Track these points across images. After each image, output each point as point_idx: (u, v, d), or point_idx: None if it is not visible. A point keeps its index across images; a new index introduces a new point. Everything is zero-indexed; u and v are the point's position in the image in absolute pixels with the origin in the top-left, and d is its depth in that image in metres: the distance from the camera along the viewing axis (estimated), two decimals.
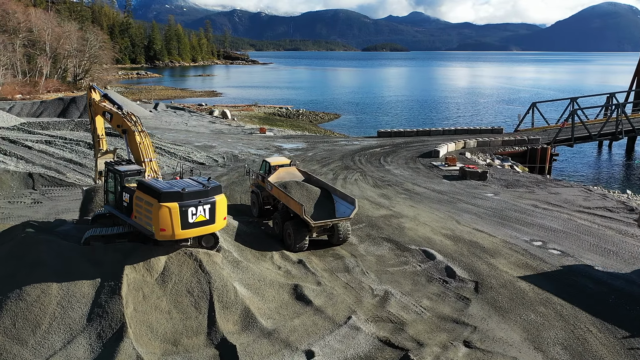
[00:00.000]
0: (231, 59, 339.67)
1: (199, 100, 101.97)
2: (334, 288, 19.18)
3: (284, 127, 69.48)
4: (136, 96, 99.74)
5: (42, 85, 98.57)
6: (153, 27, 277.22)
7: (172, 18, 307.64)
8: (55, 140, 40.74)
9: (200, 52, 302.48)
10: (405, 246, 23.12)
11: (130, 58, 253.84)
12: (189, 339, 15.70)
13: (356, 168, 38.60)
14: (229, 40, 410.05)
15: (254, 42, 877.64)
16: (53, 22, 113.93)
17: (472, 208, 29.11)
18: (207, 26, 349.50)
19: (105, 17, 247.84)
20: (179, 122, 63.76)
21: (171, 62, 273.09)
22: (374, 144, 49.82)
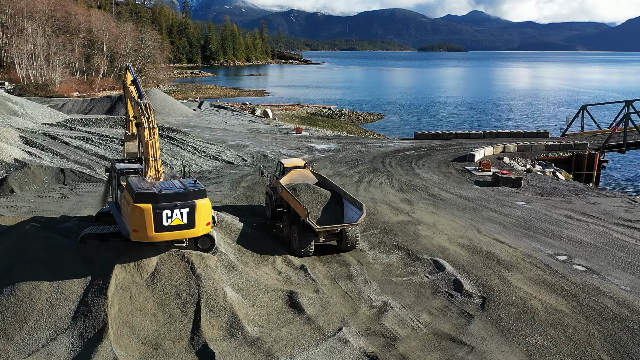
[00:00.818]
0: (285, 58, 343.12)
1: (246, 99, 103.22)
2: (331, 297, 18.45)
3: (323, 127, 69.01)
4: (185, 95, 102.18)
5: (98, 83, 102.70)
6: (209, 27, 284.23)
7: (227, 18, 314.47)
8: (92, 137, 42.05)
9: (254, 51, 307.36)
10: (416, 255, 22.04)
11: (187, 57, 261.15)
12: (171, 343, 15.44)
13: (384, 171, 37.54)
14: (283, 40, 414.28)
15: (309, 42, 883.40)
16: (111, 22, 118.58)
17: (498, 217, 27.51)
18: (262, 26, 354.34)
19: (164, 18, 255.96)
20: (218, 120, 64.57)
21: (226, 62, 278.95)
22: (409, 146, 48.43)
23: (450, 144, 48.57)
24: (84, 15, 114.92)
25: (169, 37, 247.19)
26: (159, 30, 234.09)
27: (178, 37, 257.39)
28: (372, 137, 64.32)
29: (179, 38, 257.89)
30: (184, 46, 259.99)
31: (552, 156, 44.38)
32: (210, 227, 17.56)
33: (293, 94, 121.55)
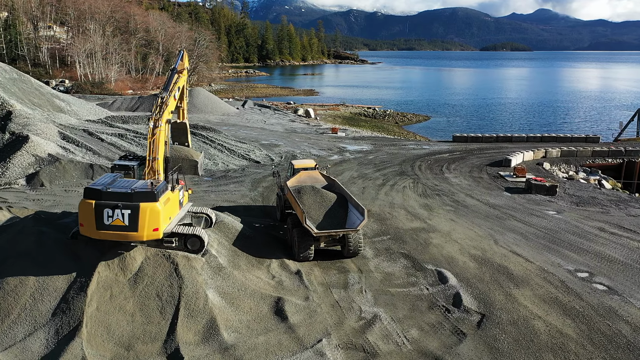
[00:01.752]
0: (340, 58, 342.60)
1: (294, 98, 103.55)
2: (320, 305, 17.72)
3: (364, 127, 67.96)
4: (236, 93, 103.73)
5: (152, 81, 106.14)
6: (267, 27, 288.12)
7: (284, 18, 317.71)
8: (128, 134, 43.14)
9: (310, 51, 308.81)
10: (421, 265, 20.89)
11: (244, 57, 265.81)
12: (144, 345, 15.23)
13: (412, 174, 36.20)
14: (340, 40, 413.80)
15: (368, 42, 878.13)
16: (167, 23, 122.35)
17: (522, 227, 25.73)
18: (319, 26, 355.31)
19: (223, 19, 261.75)
20: (258, 119, 64.92)
21: (282, 61, 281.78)
22: (445, 148, 46.64)
23: (488, 148, 46.37)
24: (142, 16, 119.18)
25: (227, 37, 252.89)
26: (217, 31, 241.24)
27: (236, 37, 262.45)
28: (413, 138, 62.66)
29: (237, 38, 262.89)
30: (241, 46, 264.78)
31: (599, 163, 41.38)
32: (159, 234, 16.48)
33: (342, 94, 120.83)
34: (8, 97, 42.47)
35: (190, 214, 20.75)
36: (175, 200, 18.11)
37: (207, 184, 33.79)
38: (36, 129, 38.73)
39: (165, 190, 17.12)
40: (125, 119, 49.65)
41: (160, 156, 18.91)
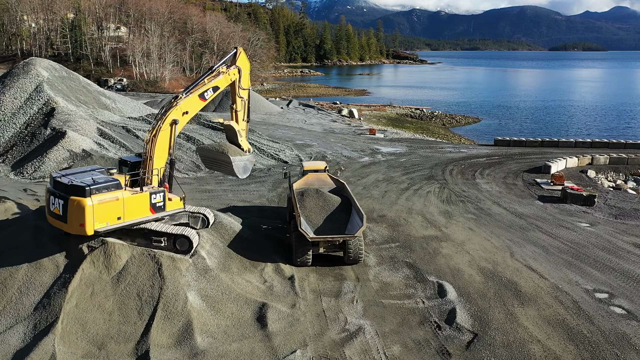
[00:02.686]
0: (399, 58, 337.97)
1: (342, 98, 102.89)
2: (305, 314, 17.07)
3: (408, 129, 66.32)
4: (283, 93, 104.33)
5: None
6: (325, 27, 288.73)
7: (343, 18, 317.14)
8: None
9: (368, 51, 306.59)
10: (423, 276, 19.76)
11: (302, 57, 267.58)
12: (117, 345, 15.16)
13: (440, 179, 34.67)
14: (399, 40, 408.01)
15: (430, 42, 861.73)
16: (222, 23, 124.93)
17: (545, 239, 23.88)
18: (379, 26, 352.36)
19: (283, 19, 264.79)
20: (299, 119, 64.76)
21: (339, 61, 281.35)
22: (484, 152, 44.51)
23: (531, 153, 43.79)
24: (199, 16, 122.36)
25: (285, 37, 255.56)
26: (275, 31, 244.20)
27: (294, 37, 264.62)
28: (456, 141, 60.40)
29: (295, 38, 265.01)
30: (299, 46, 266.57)
31: None
32: (85, 229, 16.12)
33: (393, 94, 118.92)
34: (54, 94, 44.33)
35: (187, 214, 20.65)
36: (141, 201, 17.52)
37: (229, 182, 33.80)
38: (75, 125, 40.23)
39: (110, 189, 16.63)
40: None
41: (155, 156, 18.80)
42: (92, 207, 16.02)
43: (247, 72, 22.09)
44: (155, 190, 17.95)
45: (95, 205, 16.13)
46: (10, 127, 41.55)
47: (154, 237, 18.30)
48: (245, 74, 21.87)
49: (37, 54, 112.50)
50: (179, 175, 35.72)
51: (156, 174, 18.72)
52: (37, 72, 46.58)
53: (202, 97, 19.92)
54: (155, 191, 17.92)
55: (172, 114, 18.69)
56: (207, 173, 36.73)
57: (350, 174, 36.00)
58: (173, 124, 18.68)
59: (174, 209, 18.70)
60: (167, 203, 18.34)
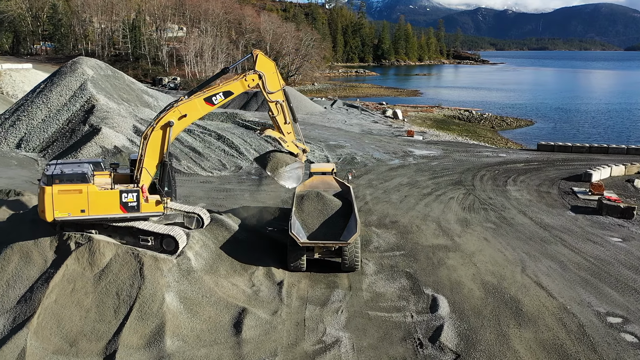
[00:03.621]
0: (460, 58, 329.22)
1: (394, 99, 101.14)
2: (284, 321, 16.49)
3: (452, 131, 64.10)
4: (330, 93, 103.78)
5: None
6: (383, 26, 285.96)
7: (402, 18, 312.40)
8: (196, 129, 44.69)
9: (427, 51, 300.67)
10: (420, 288, 18.69)
11: (359, 57, 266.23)
12: (88, 343, 15.19)
13: (468, 184, 33.00)
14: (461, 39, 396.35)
15: (495, 41, 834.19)
16: (276, 23, 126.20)
17: (566, 254, 22.03)
18: (440, 25, 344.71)
19: (341, 19, 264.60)
20: (339, 120, 64.06)
21: (397, 61, 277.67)
22: (524, 157, 42.11)
23: (575, 159, 40.95)
24: (253, 17, 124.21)
25: (343, 37, 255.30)
26: (333, 31, 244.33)
27: (352, 37, 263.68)
28: (503, 145, 57.68)
29: (353, 38, 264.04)
30: (357, 46, 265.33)
31: None
32: (50, 217, 17.10)
33: (445, 95, 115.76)
34: (96, 92, 46.04)
35: (182, 214, 20.55)
36: (109, 198, 17.61)
37: (251, 182, 33.72)
38: (112, 122, 41.53)
39: (75, 181, 17.14)
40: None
41: (147, 156, 18.67)
42: (51, 195, 16.95)
43: (272, 73, 20.07)
44: (128, 190, 17.79)
45: (55, 194, 16.97)
46: (54, 124, 43.51)
47: (141, 236, 18.33)
48: (271, 75, 20.01)
49: (99, 54, 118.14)
50: (203, 173, 36.09)
51: (147, 174, 18.62)
52: (83, 70, 48.56)
53: (209, 101, 19.02)
54: (127, 190, 17.76)
55: (168, 116, 18.46)
56: (231, 172, 36.87)
57: (374, 176, 35.02)
58: (167, 126, 18.42)
59: (150, 211, 18.23)
60: (144, 205, 17.99)
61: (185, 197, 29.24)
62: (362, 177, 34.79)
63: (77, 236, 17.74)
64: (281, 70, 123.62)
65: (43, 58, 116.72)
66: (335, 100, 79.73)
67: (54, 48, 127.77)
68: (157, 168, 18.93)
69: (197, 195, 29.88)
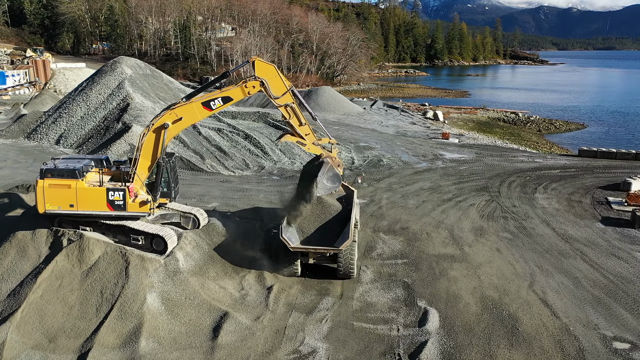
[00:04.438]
0: (517, 58, 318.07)
1: (441, 100, 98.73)
2: (264, 329, 16.11)
3: (493, 134, 61.72)
4: (379, 93, 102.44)
5: (302, 80, 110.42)
6: (437, 26, 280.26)
7: (457, 17, 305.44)
8: (226, 128, 45.09)
9: (482, 51, 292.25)
10: (414, 299, 17.84)
11: (411, 57, 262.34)
12: (67, 340, 15.35)
13: (493, 191, 31.42)
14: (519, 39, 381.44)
15: (557, 41, 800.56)
16: (323, 23, 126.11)
17: (584, 270, 20.45)
18: (497, 24, 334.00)
19: (394, 18, 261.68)
20: (376, 121, 63.03)
21: (450, 61, 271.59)
22: (560, 164, 39.79)
23: (618, 166, 38.26)
24: (300, 17, 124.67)
25: (395, 36, 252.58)
26: (385, 30, 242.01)
27: (404, 36, 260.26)
28: (547, 150, 54.95)
29: (405, 37, 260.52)
30: (409, 45, 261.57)
31: None
32: (41, 209, 18.08)
33: (494, 96, 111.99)
34: (133, 90, 47.30)
35: (179, 214, 20.52)
36: (97, 195, 17.99)
37: (270, 182, 33.57)
38: (144, 120, 42.42)
39: (65, 176, 17.87)
40: (235, 114, 51.95)
41: (141, 156, 18.71)
42: (42, 189, 17.80)
43: (274, 77, 19.33)
44: (115, 188, 17.94)
45: (46, 187, 17.79)
46: (91, 121, 45.04)
47: (132, 235, 18.44)
48: (274, 80, 19.29)
49: (151, 53, 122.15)
50: (225, 172, 36.26)
51: (141, 173, 18.70)
52: (122, 70, 50.04)
53: (206, 106, 18.85)
54: (114, 188, 17.92)
55: (163, 118, 18.48)
56: (253, 172, 36.86)
57: (396, 180, 34.03)
58: (162, 128, 18.41)
59: (136, 211, 18.28)
60: (130, 204, 18.06)
61: (201, 197, 29.45)
62: (383, 180, 33.88)
63: (70, 233, 18.05)
64: (327, 70, 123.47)
65: (100, 57, 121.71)
66: (376, 100, 78.63)
67: (110, 48, 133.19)
68: (151, 169, 18.98)
69: (212, 195, 29.97)
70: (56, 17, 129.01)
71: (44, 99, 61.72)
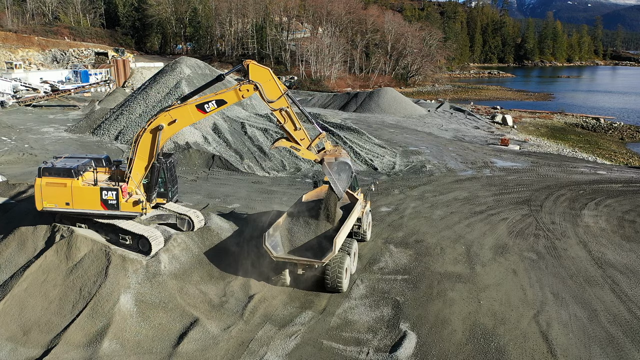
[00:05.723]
0: (619, 59, 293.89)
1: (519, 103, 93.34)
2: (229, 340, 15.68)
3: (565, 141, 57.07)
4: (447, 95, 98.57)
5: (373, 80, 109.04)
6: (528, 24, 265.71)
7: (550, 14, 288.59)
8: (271, 128, 45.20)
9: (578, 51, 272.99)
10: (397, 321, 16.58)
11: (499, 57, 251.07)
12: (39, 334, 15.79)
13: (535, 205, 28.77)
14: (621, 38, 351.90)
15: None
16: (398, 23, 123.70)
17: (608, 302, 17.99)
18: (597, 22, 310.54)
19: (482, 17, 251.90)
20: (436, 124, 60.52)
21: (541, 62, 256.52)
22: (627, 177, 35.77)
23: None
24: (375, 16, 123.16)
25: (482, 36, 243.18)
26: (472, 30, 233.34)
27: (492, 35, 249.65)
28: (624, 161, 49.91)
29: (493, 37, 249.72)
30: (497, 45, 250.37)
31: None
32: (39, 207, 18.58)
33: (580, 100, 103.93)
34: (188, 89, 48.73)
35: (175, 215, 20.54)
36: (91, 194, 18.31)
37: (299, 186, 33.07)
38: None
39: (61, 175, 18.33)
40: None
41: (137, 157, 18.89)
42: (40, 187, 18.30)
43: (269, 81, 18.89)
44: (109, 187, 18.17)
45: (43, 185, 18.30)
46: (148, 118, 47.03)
47: (121, 235, 18.68)
48: (268, 84, 18.83)
49: (229, 54, 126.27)
50: (260, 173, 36.26)
51: (136, 173, 18.90)
52: (181, 69, 51.80)
53: (201, 109, 18.76)
54: (108, 188, 18.16)
55: (158, 120, 18.57)
56: (289, 174, 36.55)
57: (432, 188, 32.25)
58: (157, 129, 18.51)
59: (129, 210, 18.44)
60: (123, 203, 18.25)
61: (225, 197, 29.60)
62: (418, 187, 32.24)
63: (64, 229, 18.63)
64: (402, 70, 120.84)
65: None
66: (443, 102, 75.68)
67: (193, 48, 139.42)
68: (147, 169, 19.13)
69: (237, 195, 30.00)
70: (145, 19, 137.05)
71: (117, 97, 65.35)
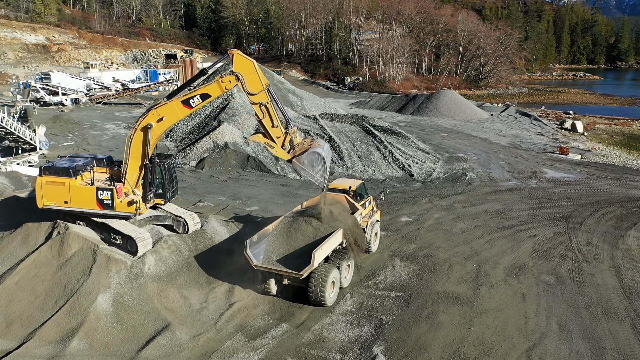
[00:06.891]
0: None
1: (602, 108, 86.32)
2: (193, 349, 15.45)
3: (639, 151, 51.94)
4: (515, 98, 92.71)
5: (442, 81, 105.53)
6: (623, 23, 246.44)
7: None
8: (314, 130, 44.72)
9: None
10: (372, 343, 15.52)
11: (588, 58, 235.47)
12: (20, 328, 16.31)
13: (574, 222, 26.11)
14: None
15: None
16: (473, 22, 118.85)
17: (623, 339, 15.80)
18: None
19: (571, 16, 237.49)
20: (495, 129, 57.20)
21: (637, 64, 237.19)
22: None
23: None
24: (446, 16, 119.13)
25: (570, 36, 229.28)
26: (559, 29, 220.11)
27: (581, 35, 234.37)
28: None
29: (582, 37, 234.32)
30: (586, 45, 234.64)
31: None
32: (40, 204, 18.89)
33: None
34: (237, 90, 49.31)
35: (172, 217, 20.58)
36: (87, 193, 18.54)
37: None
38: (238, 119, 44.23)
39: (60, 174, 18.66)
40: (333, 116, 51.13)
41: (130, 157, 19.09)
42: (40, 185, 18.76)
43: (252, 73, 18.65)
44: (104, 187, 18.42)
45: (44, 184, 18.73)
46: (197, 118, 48.23)
47: (112, 234, 18.95)
48: (250, 76, 18.63)
49: (297, 54, 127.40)
50: (290, 176, 35.87)
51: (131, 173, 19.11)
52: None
53: (186, 104, 18.70)
54: (103, 188, 18.41)
55: (147, 119, 18.61)
56: None
57: (465, 198, 30.33)
58: (146, 128, 18.58)
59: (123, 210, 18.59)
60: (118, 203, 18.43)
61: (247, 199, 29.52)
62: (449, 197, 30.45)
63: (61, 226, 19.19)
64: (474, 72, 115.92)
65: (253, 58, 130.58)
66: (509, 106, 71.57)
67: (265, 49, 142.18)
68: (142, 169, 19.29)
69: (260, 198, 29.82)
70: (221, 21, 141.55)
71: None
